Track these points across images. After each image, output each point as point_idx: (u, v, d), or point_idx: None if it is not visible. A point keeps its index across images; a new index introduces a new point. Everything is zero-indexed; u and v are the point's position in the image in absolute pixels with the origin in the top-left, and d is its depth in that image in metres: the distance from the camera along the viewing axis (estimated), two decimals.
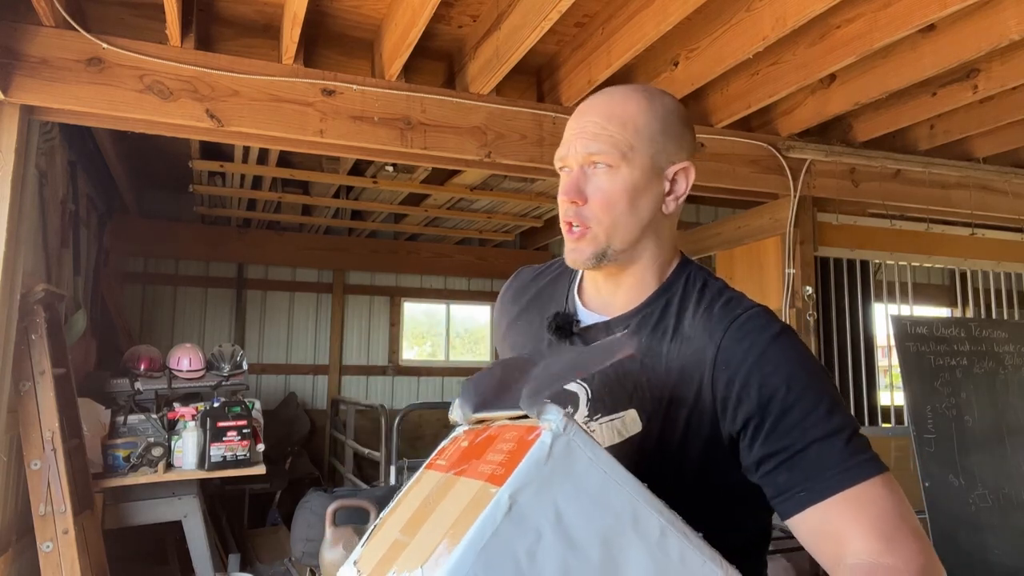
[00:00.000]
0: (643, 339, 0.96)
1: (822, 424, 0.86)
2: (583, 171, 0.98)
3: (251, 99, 2.78)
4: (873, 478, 0.84)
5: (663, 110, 1.00)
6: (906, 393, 3.54)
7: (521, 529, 0.62)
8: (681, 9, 2.41)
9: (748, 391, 0.88)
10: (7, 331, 2.55)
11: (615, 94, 1.01)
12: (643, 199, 0.98)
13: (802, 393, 0.87)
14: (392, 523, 0.78)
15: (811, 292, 3.60)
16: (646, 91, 1.02)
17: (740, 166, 3.57)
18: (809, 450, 0.85)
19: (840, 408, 0.88)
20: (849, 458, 0.84)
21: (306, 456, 5.84)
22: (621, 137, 0.96)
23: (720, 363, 0.90)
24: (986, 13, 2.59)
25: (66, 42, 2.56)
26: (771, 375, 0.87)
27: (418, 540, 0.68)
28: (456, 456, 0.79)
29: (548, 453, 0.65)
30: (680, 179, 1.00)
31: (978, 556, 3.34)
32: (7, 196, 2.45)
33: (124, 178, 4.63)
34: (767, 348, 0.89)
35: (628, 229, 0.98)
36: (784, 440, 0.86)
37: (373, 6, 2.82)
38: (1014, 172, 4.09)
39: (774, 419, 0.86)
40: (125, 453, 3.65)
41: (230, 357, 4.46)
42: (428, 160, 3.28)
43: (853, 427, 0.87)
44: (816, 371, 0.90)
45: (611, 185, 0.97)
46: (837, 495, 0.83)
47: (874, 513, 0.82)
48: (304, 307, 6.32)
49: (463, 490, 0.69)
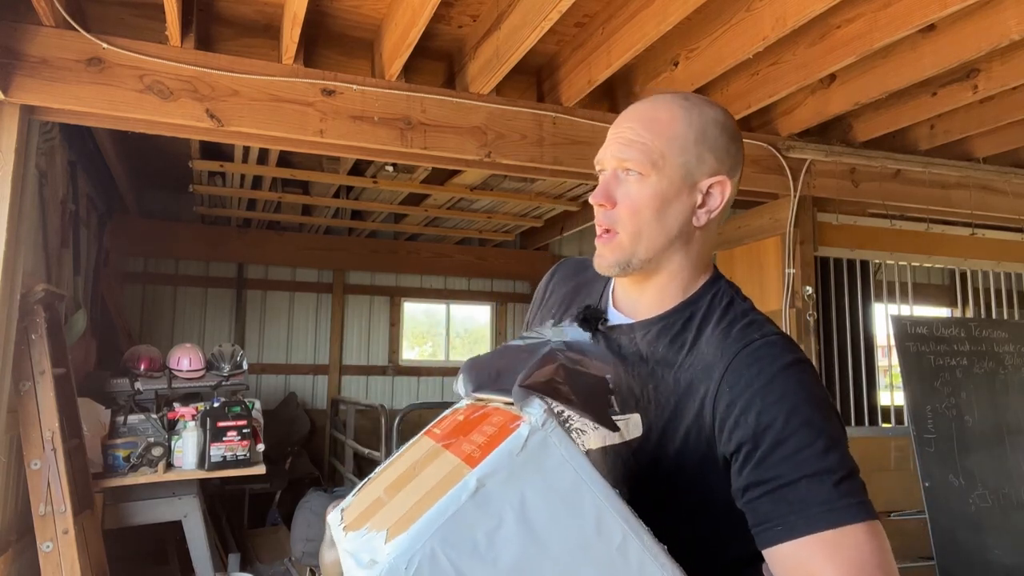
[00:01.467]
0: (660, 348, 0.96)
1: (815, 461, 0.84)
2: (616, 176, 0.99)
3: (251, 99, 2.78)
4: (857, 523, 0.82)
5: (701, 120, 0.98)
6: (906, 393, 3.54)
7: (483, 512, 0.64)
8: (681, 9, 2.41)
9: (747, 416, 0.86)
10: (7, 331, 2.55)
11: (657, 101, 1.00)
12: (671, 209, 0.97)
13: (800, 427, 0.85)
14: (381, 480, 0.80)
15: (811, 292, 3.60)
16: (688, 100, 1.00)
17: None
18: (797, 485, 0.83)
19: (838, 448, 0.86)
20: (837, 499, 0.82)
21: (306, 456, 5.84)
22: (653, 145, 0.96)
23: (725, 383, 0.89)
24: (986, 13, 2.59)
25: (66, 42, 2.56)
26: (772, 404, 0.86)
27: (394, 502, 0.70)
28: (450, 428, 0.81)
29: (523, 445, 0.66)
30: (715, 192, 0.98)
31: (978, 556, 3.34)
32: (7, 196, 2.45)
33: (124, 178, 4.63)
34: (774, 377, 0.88)
35: (653, 238, 0.97)
36: (773, 471, 0.84)
37: (373, 6, 2.82)
38: (1014, 172, 4.09)
39: (767, 448, 0.85)
40: (125, 453, 3.65)
41: (230, 357, 4.45)
42: (428, 160, 3.28)
43: (848, 469, 0.85)
44: (821, 408, 0.88)
45: (639, 192, 0.96)
46: (816, 534, 0.81)
47: (851, 558, 0.80)
48: (304, 307, 6.32)
49: (443, 463, 0.71)
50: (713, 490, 0.90)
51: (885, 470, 3.65)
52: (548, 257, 6.80)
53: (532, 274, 6.86)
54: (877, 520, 0.84)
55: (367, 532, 0.68)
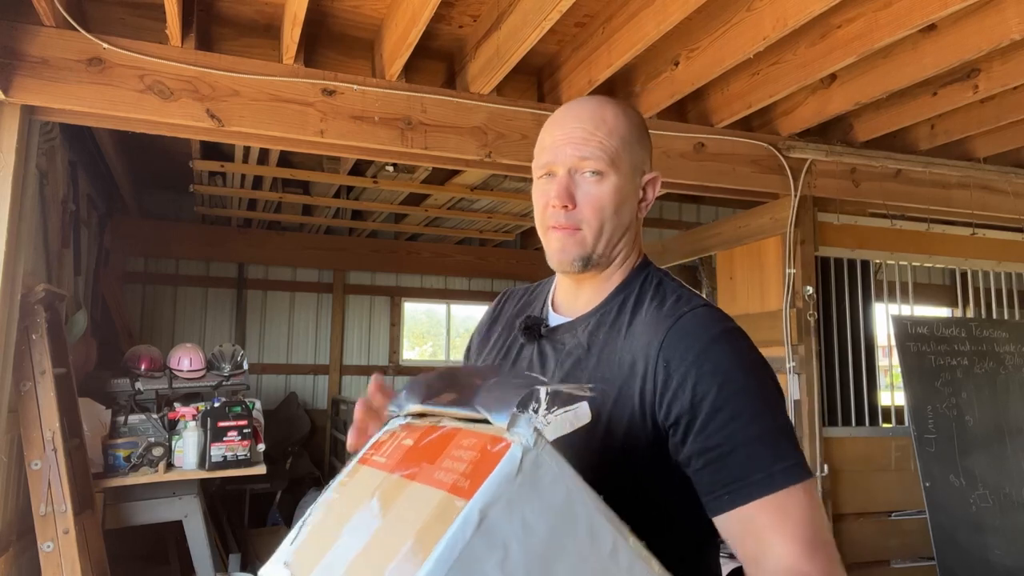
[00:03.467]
0: (600, 336, 0.99)
1: (750, 427, 0.87)
2: (571, 176, 1.00)
3: (251, 99, 2.78)
4: (796, 485, 0.86)
5: (636, 120, 1.05)
6: (907, 393, 3.54)
7: (490, 544, 0.61)
8: (681, 9, 2.41)
9: (683, 388, 0.89)
10: (8, 331, 2.55)
11: (593, 103, 1.04)
12: (626, 205, 1.03)
13: (734, 394, 0.88)
14: (333, 523, 0.74)
15: (812, 292, 3.59)
16: (617, 102, 1.06)
17: (740, 166, 3.56)
18: (736, 452, 0.86)
19: (772, 411, 0.90)
20: (774, 463, 0.86)
21: (307, 456, 5.84)
22: (609, 144, 1.00)
23: (661, 359, 0.92)
24: (987, 12, 2.58)
25: (66, 42, 2.56)
26: (706, 375, 0.89)
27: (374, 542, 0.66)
28: (400, 455, 0.76)
29: (518, 468, 0.64)
30: (649, 188, 1.06)
31: (979, 556, 3.34)
32: (8, 196, 2.45)
33: (124, 178, 4.63)
34: (707, 347, 0.91)
35: (612, 232, 1.02)
36: (713, 439, 0.87)
37: (373, 6, 2.82)
38: (1015, 172, 4.09)
39: (704, 418, 0.88)
40: (126, 453, 3.65)
41: (231, 357, 4.46)
42: (428, 160, 3.28)
43: (783, 431, 0.89)
44: (754, 373, 0.91)
45: (600, 191, 1.00)
46: (760, 499, 0.85)
47: (795, 519, 0.84)
48: (304, 307, 6.32)
49: (421, 497, 0.67)
50: (666, 466, 0.93)
51: (885, 470, 3.65)
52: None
53: (532, 274, 6.86)
54: (812, 477, 0.88)
55: None
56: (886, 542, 3.60)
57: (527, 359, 1.07)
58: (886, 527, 3.61)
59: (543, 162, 1.03)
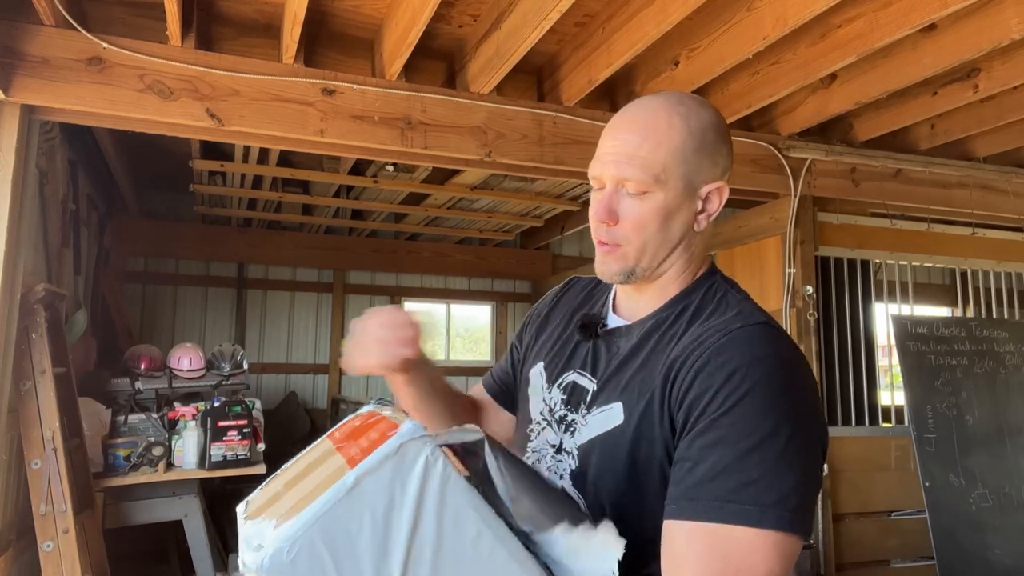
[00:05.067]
0: (651, 342, 0.97)
1: (730, 457, 0.80)
2: (616, 191, 0.97)
3: (251, 98, 2.78)
4: (751, 528, 0.78)
5: (699, 127, 0.96)
6: (906, 393, 3.54)
7: (357, 508, 0.73)
8: (682, 8, 2.41)
9: (700, 398, 0.85)
10: (8, 330, 2.55)
11: (651, 109, 0.98)
12: (675, 220, 0.97)
13: (736, 422, 0.82)
14: (283, 476, 0.88)
15: (811, 292, 3.60)
16: (683, 105, 0.98)
17: (740, 165, 3.56)
18: (698, 468, 0.82)
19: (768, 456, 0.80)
20: (735, 496, 0.79)
21: None
22: (655, 159, 0.94)
23: (696, 367, 0.87)
24: (987, 12, 2.58)
25: (67, 42, 2.56)
26: (721, 391, 0.84)
27: (288, 496, 0.80)
28: (347, 433, 0.88)
29: (395, 450, 0.76)
30: (713, 198, 0.99)
31: (978, 555, 3.34)
32: (8, 196, 2.45)
33: (124, 177, 4.63)
34: (741, 367, 0.84)
35: (658, 249, 0.98)
36: (690, 450, 0.83)
37: (373, 6, 2.82)
38: (1015, 172, 4.09)
39: (697, 428, 0.84)
40: (126, 452, 3.65)
41: (230, 356, 4.46)
42: (428, 160, 3.28)
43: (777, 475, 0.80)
44: (776, 411, 0.82)
45: (643, 208, 0.96)
46: (696, 522, 0.80)
47: (722, 557, 0.78)
48: (304, 307, 6.32)
49: (332, 464, 0.80)
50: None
51: (885, 470, 3.65)
52: (548, 256, 6.80)
53: (532, 274, 6.86)
54: (787, 534, 0.79)
55: (261, 521, 0.76)
56: (886, 542, 3.60)
57: (580, 358, 1.05)
58: (886, 527, 3.61)
59: (593, 174, 1.00)
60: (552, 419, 1.05)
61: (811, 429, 0.85)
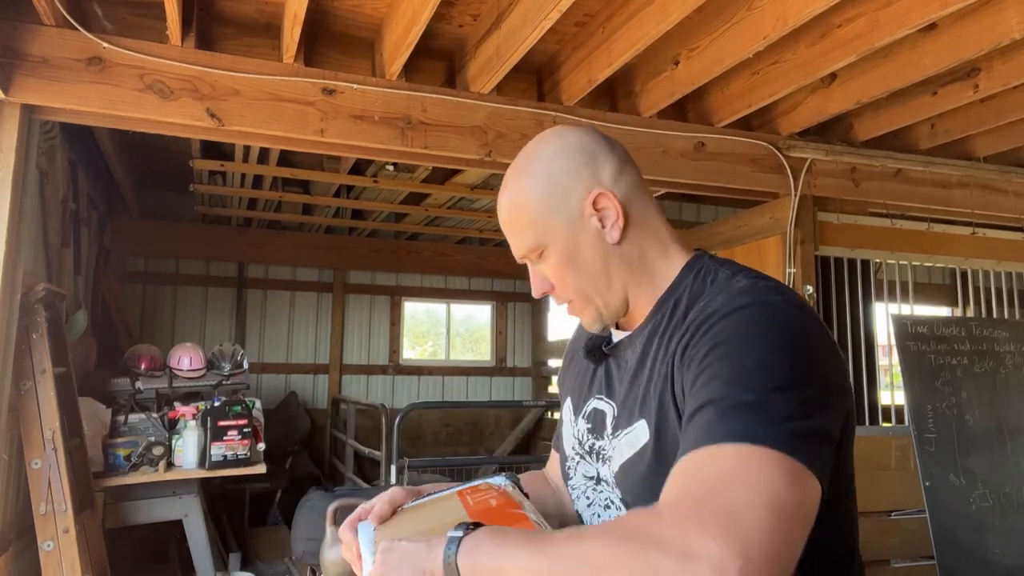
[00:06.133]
0: (655, 344, 0.93)
1: (717, 390, 0.75)
2: (531, 265, 1.02)
3: (252, 98, 2.78)
4: (739, 444, 0.69)
5: (543, 165, 0.97)
6: (907, 392, 3.54)
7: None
8: (682, 8, 2.41)
9: (691, 367, 0.81)
10: (8, 330, 2.55)
11: (505, 183, 1.00)
12: (585, 253, 0.96)
13: (721, 359, 0.78)
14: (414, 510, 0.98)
15: (812, 291, 3.59)
16: (529, 153, 1.00)
17: (740, 165, 3.56)
18: (698, 416, 0.76)
19: (763, 374, 0.74)
20: (724, 420, 0.72)
21: (307, 455, 5.84)
22: (524, 224, 0.97)
23: (688, 351, 0.84)
24: (987, 12, 2.58)
25: (67, 41, 2.56)
26: (709, 344, 0.80)
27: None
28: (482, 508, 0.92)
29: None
30: (603, 202, 0.95)
31: (979, 555, 3.34)
32: (8, 196, 2.45)
33: (125, 177, 4.63)
34: (725, 316, 0.81)
35: (598, 285, 0.97)
36: (689, 408, 0.79)
37: (374, 5, 2.82)
38: (1015, 171, 4.09)
39: (691, 390, 0.80)
40: (126, 452, 3.66)
41: (231, 356, 4.46)
42: (429, 159, 3.27)
43: (755, 396, 0.73)
44: (765, 336, 0.78)
45: (552, 265, 0.98)
46: (689, 453, 0.73)
47: (705, 475, 0.69)
48: (305, 306, 6.32)
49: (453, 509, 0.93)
50: None
51: (885, 469, 3.65)
52: None
53: None
54: (786, 456, 0.68)
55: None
56: (886, 541, 3.60)
57: (597, 383, 1.04)
58: (886, 526, 3.61)
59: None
60: (583, 451, 1.04)
61: (809, 343, 0.80)
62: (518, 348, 7.08)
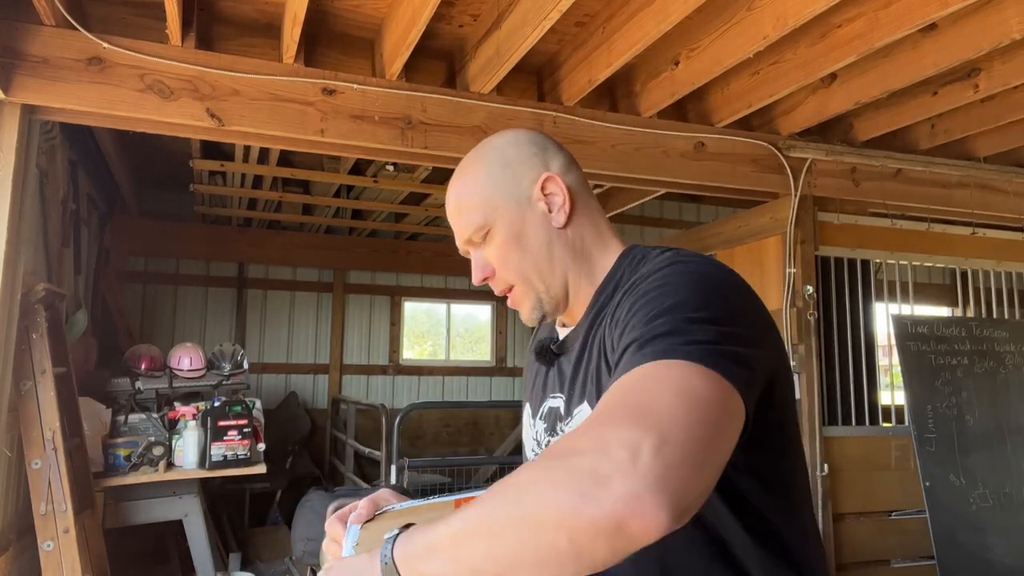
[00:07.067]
0: (596, 332, 0.95)
1: (639, 329, 0.76)
2: (475, 251, 1.03)
3: (252, 98, 2.78)
4: (660, 360, 0.70)
5: (495, 152, 1.03)
6: (907, 392, 3.54)
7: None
8: (682, 8, 2.41)
9: (617, 327, 0.85)
10: (8, 330, 2.55)
11: (458, 169, 1.05)
12: (530, 234, 0.99)
13: (643, 304, 0.80)
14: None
15: (812, 291, 3.59)
16: (481, 146, 1.05)
17: (740, 165, 3.56)
18: (625, 356, 0.76)
19: (686, 304, 0.77)
20: (651, 344, 0.73)
21: (307, 455, 5.84)
22: (471, 203, 1.00)
23: (615, 318, 0.87)
24: (987, 12, 2.58)
25: (67, 41, 2.56)
26: (631, 300, 0.83)
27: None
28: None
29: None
30: (551, 187, 0.99)
31: (979, 555, 3.34)
32: (8, 196, 2.45)
33: (125, 177, 4.63)
34: (646, 277, 0.85)
35: (541, 268, 0.99)
36: (615, 356, 0.80)
37: (374, 5, 2.82)
38: (1015, 171, 4.09)
39: (618, 345, 0.81)
40: (126, 452, 3.66)
41: (231, 356, 4.46)
42: (429, 159, 3.27)
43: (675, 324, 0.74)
44: (687, 279, 0.81)
45: (496, 246, 1.00)
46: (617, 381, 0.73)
47: (640, 388, 0.69)
48: (305, 306, 6.32)
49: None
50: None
51: (886, 469, 3.65)
52: None
53: None
54: (702, 368, 0.68)
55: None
56: (886, 541, 3.60)
57: (551, 383, 1.05)
58: (886, 526, 3.61)
59: (460, 250, 1.06)
60: (541, 451, 1.05)
61: (733, 309, 0.82)
62: (518, 348, 7.08)
